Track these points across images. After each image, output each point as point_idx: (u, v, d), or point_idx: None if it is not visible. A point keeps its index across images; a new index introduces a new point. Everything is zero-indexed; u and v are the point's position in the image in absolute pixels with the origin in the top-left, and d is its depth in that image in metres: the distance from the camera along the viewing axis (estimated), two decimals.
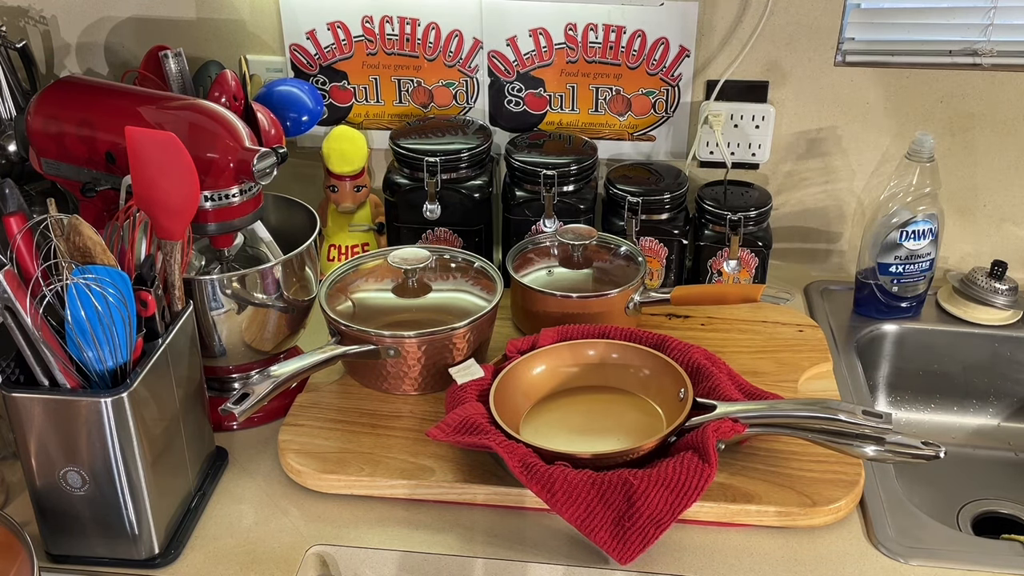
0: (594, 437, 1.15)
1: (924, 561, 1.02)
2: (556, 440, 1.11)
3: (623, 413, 1.18)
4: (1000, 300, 1.42)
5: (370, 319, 1.24)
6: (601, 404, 1.20)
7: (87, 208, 1.19)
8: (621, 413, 1.18)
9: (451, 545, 1.05)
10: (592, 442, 1.13)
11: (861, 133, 1.48)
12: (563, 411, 1.19)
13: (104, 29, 1.55)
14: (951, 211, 1.45)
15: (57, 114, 1.16)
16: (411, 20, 1.48)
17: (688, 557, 1.03)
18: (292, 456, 1.13)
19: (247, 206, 1.15)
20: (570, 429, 1.16)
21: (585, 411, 1.19)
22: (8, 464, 1.14)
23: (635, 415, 1.18)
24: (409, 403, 1.23)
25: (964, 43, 1.44)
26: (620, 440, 1.13)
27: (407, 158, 1.42)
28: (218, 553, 1.05)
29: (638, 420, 1.17)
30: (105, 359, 0.95)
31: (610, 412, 1.19)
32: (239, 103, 1.23)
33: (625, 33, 1.45)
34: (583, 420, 1.18)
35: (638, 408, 1.19)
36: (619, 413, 1.18)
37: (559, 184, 1.41)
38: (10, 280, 0.92)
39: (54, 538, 1.02)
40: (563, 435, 1.15)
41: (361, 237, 1.52)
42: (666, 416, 1.15)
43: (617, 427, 1.16)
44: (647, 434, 1.11)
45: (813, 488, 1.07)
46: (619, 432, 1.15)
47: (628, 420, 1.17)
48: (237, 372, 1.26)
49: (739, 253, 1.42)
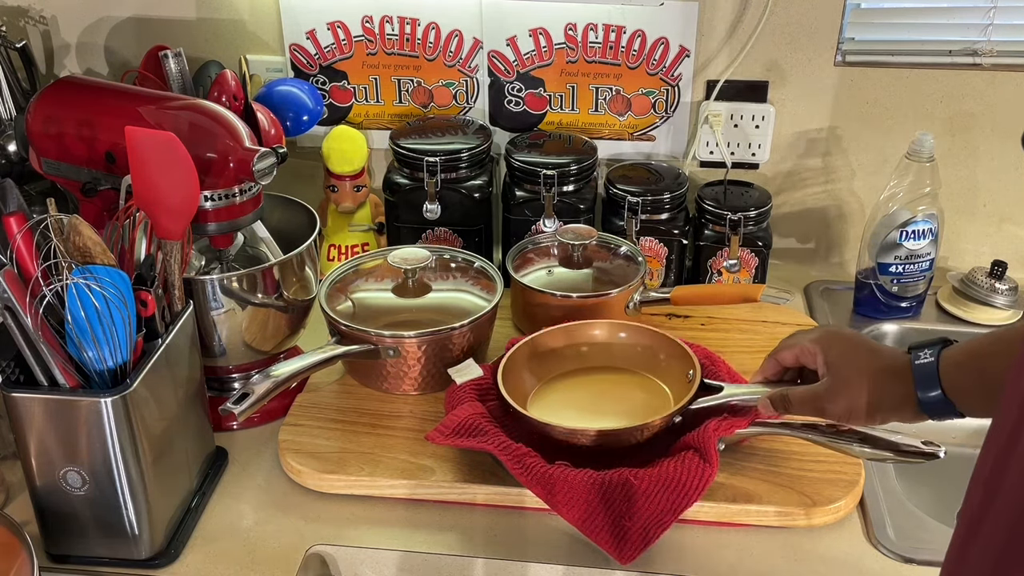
0: (601, 416, 1.14)
1: (924, 561, 1.02)
2: (563, 418, 1.11)
3: (631, 393, 1.19)
4: (1000, 300, 1.42)
5: (370, 319, 1.24)
6: (608, 384, 1.20)
7: (87, 208, 1.19)
8: (629, 393, 1.19)
9: (451, 545, 1.05)
10: (599, 421, 1.13)
11: (861, 133, 1.48)
12: (571, 390, 1.20)
13: (104, 29, 1.55)
14: (951, 211, 1.45)
15: (57, 114, 1.15)
16: (411, 20, 1.48)
17: (688, 557, 1.03)
18: (292, 456, 1.13)
19: (247, 206, 1.15)
20: (577, 408, 1.16)
21: (593, 391, 1.20)
22: (8, 464, 1.14)
23: (642, 395, 1.18)
24: (409, 403, 1.23)
25: (964, 43, 1.43)
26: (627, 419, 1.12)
27: (407, 158, 1.42)
28: (218, 553, 1.05)
29: (646, 400, 1.17)
30: (105, 359, 0.95)
31: (618, 392, 1.19)
32: (239, 103, 1.23)
33: (625, 33, 1.45)
34: (590, 400, 1.18)
35: (646, 389, 1.19)
36: (627, 393, 1.19)
37: (559, 184, 1.41)
38: (10, 280, 0.92)
39: (54, 538, 1.02)
40: (570, 414, 1.14)
41: (361, 237, 1.52)
42: (674, 397, 1.15)
43: (624, 406, 1.16)
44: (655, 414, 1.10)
45: (813, 488, 1.07)
46: (626, 411, 1.14)
47: (636, 400, 1.17)
48: (237, 372, 1.26)
49: (739, 253, 1.42)
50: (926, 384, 0.86)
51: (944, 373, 0.86)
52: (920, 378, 0.87)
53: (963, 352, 0.87)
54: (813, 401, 0.95)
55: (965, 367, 0.86)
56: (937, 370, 0.86)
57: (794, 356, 0.99)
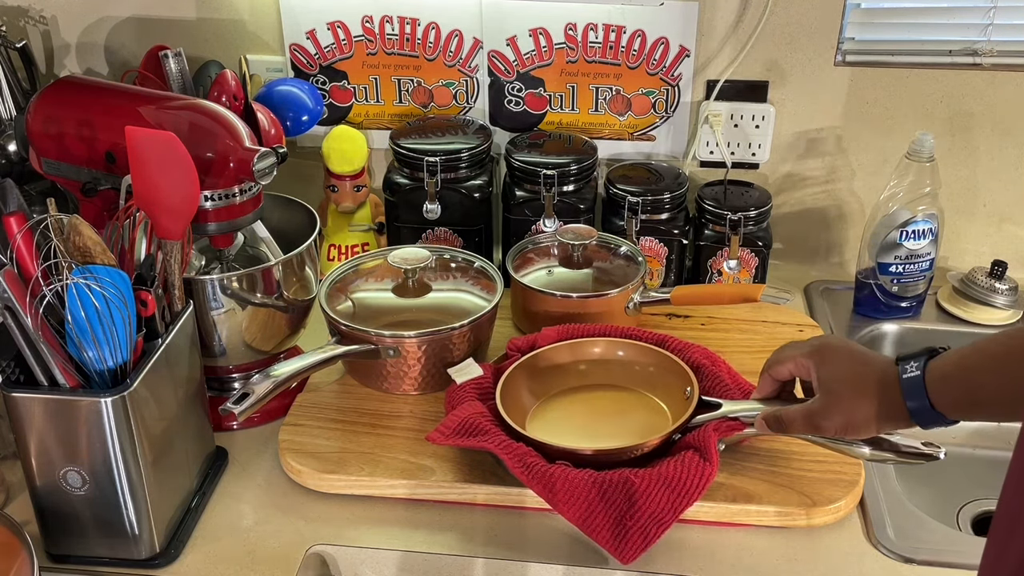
0: (599, 434, 1.14)
1: (924, 561, 1.02)
2: (561, 437, 1.11)
3: (629, 411, 1.18)
4: (1000, 300, 1.42)
5: (370, 319, 1.24)
6: (607, 402, 1.20)
7: (87, 208, 1.19)
8: (627, 411, 1.18)
9: (451, 545, 1.05)
10: (597, 439, 1.13)
11: (861, 133, 1.48)
12: (569, 409, 1.19)
13: (104, 29, 1.55)
14: (951, 211, 1.45)
15: (57, 114, 1.16)
16: (411, 20, 1.48)
17: (688, 557, 1.03)
18: (292, 456, 1.13)
19: (247, 206, 1.15)
20: (575, 426, 1.16)
21: (591, 409, 1.19)
22: (8, 464, 1.14)
23: (641, 413, 1.18)
24: (409, 403, 1.23)
25: (964, 43, 1.43)
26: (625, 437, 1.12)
27: (407, 158, 1.42)
28: (218, 553, 1.05)
29: (644, 418, 1.17)
30: (105, 359, 0.95)
31: (616, 410, 1.19)
32: (239, 103, 1.23)
33: (625, 33, 1.45)
34: (588, 418, 1.18)
35: (644, 406, 1.19)
36: (625, 411, 1.18)
37: (559, 184, 1.41)
38: (10, 280, 0.92)
39: (54, 538, 1.02)
40: (568, 432, 1.14)
41: (361, 237, 1.52)
42: (672, 414, 1.15)
43: (622, 425, 1.16)
44: (653, 432, 1.11)
45: (813, 488, 1.07)
46: (624, 430, 1.14)
47: (634, 418, 1.17)
48: (237, 372, 1.26)
49: (739, 253, 1.42)
50: (914, 397, 0.87)
51: (931, 385, 0.86)
52: (908, 391, 0.87)
53: (950, 363, 0.87)
54: (808, 419, 0.95)
55: (952, 379, 0.86)
56: (924, 383, 0.87)
57: (788, 371, 1.01)
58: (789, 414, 0.98)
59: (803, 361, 0.97)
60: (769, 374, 1.03)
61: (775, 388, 1.04)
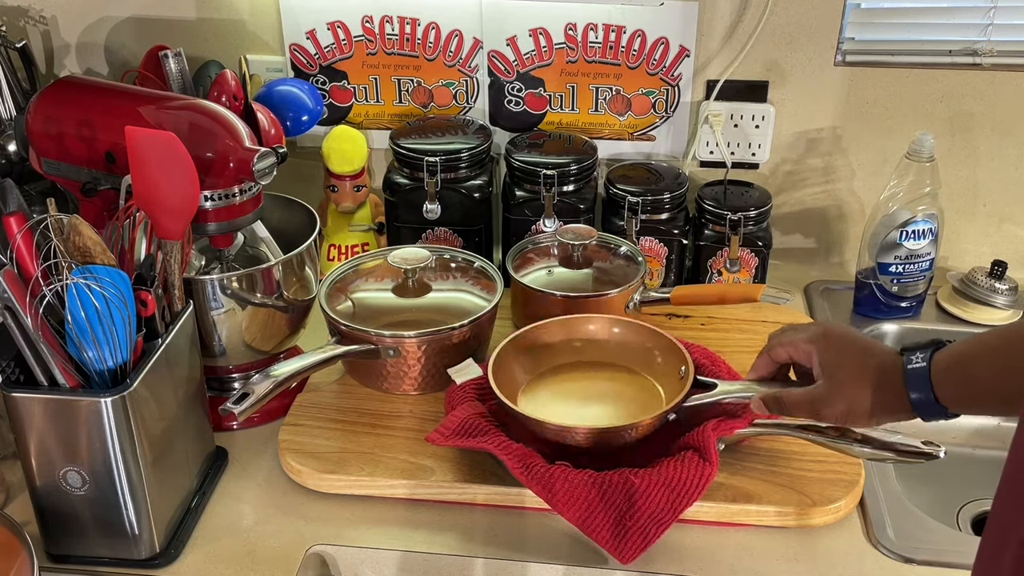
0: (592, 412, 1.14)
1: (924, 561, 1.02)
2: (553, 413, 1.11)
3: (623, 389, 1.18)
4: (1000, 300, 1.42)
5: (370, 319, 1.24)
6: (601, 380, 1.20)
7: (87, 208, 1.19)
8: (620, 389, 1.18)
9: (451, 545, 1.05)
10: (590, 417, 1.13)
11: (861, 133, 1.48)
12: (562, 385, 1.19)
13: (104, 29, 1.55)
14: (951, 211, 1.45)
15: (57, 114, 1.16)
16: (411, 20, 1.48)
17: (688, 557, 1.03)
18: (292, 456, 1.13)
19: (247, 206, 1.15)
20: (568, 403, 1.16)
21: (584, 386, 1.19)
22: (8, 464, 1.14)
23: (635, 392, 1.18)
24: (409, 403, 1.23)
25: (964, 43, 1.43)
26: (619, 416, 1.12)
27: (407, 158, 1.42)
28: (218, 553, 1.05)
29: (638, 397, 1.16)
30: (105, 359, 0.95)
31: (609, 388, 1.19)
32: (239, 103, 1.23)
33: (625, 33, 1.45)
34: (582, 395, 1.18)
35: (639, 385, 1.19)
36: (618, 389, 1.18)
37: (559, 184, 1.41)
38: (10, 280, 0.92)
39: (54, 538, 1.02)
40: (561, 408, 1.14)
41: (361, 237, 1.52)
42: (666, 394, 1.15)
43: (616, 403, 1.16)
44: (647, 412, 1.10)
45: (813, 488, 1.07)
46: (618, 408, 1.14)
47: (627, 397, 1.17)
48: (237, 372, 1.26)
49: (739, 253, 1.42)
50: (918, 388, 0.87)
51: (935, 377, 0.86)
52: (912, 382, 0.87)
53: (952, 355, 0.87)
54: (809, 404, 0.95)
55: (953, 371, 0.86)
56: (929, 375, 0.86)
57: (788, 354, 0.99)
58: (791, 397, 0.97)
59: (805, 346, 0.96)
60: (768, 355, 1.02)
61: (772, 370, 1.03)
